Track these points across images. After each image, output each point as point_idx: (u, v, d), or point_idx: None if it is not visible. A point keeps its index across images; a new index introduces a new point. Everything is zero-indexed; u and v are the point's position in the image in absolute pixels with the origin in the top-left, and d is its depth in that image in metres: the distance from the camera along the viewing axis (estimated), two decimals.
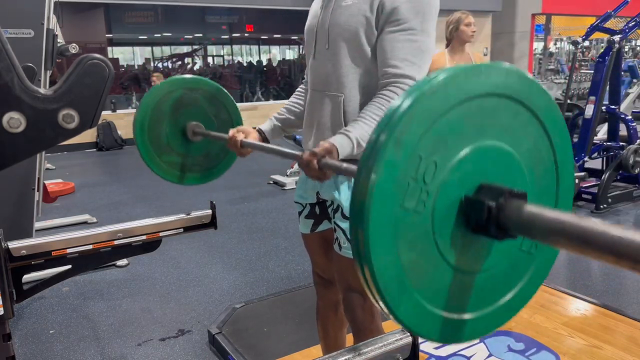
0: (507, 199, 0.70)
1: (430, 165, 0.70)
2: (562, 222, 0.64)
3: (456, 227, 0.73)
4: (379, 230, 0.68)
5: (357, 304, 1.56)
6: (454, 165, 0.71)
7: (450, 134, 0.70)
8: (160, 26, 11.03)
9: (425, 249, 0.72)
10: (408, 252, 0.71)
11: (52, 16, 2.78)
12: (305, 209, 1.66)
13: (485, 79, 0.71)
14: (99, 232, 1.70)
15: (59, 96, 1.37)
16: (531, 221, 0.67)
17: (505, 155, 0.76)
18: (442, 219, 0.72)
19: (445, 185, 0.71)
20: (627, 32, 4.56)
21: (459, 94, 0.69)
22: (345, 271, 1.55)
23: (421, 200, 0.70)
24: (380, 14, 1.34)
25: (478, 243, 0.76)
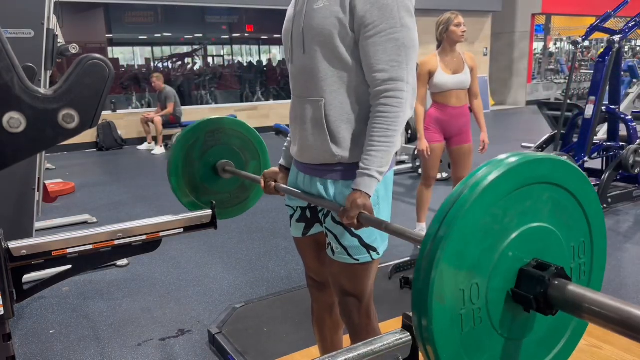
0: (552, 277, 0.79)
1: (474, 285, 0.79)
2: (604, 305, 0.73)
3: (508, 308, 0.83)
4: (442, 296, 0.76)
5: (353, 307, 1.56)
6: (505, 247, 0.80)
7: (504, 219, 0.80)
8: (160, 26, 11.02)
9: (485, 333, 0.82)
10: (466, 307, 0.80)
11: (52, 16, 2.78)
12: (296, 212, 1.66)
13: (532, 170, 0.80)
14: (99, 232, 1.70)
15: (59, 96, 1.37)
16: (575, 301, 0.76)
17: (550, 234, 0.85)
18: (495, 308, 0.81)
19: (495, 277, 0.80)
20: (627, 32, 4.56)
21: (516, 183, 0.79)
22: (339, 276, 1.54)
23: (477, 316, 0.81)
24: (354, 15, 1.32)
25: (523, 315, 0.84)
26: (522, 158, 0.78)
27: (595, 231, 0.91)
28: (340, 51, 1.37)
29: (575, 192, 0.85)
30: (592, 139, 4.65)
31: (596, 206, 0.89)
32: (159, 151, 8.19)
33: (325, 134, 1.42)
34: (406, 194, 5.25)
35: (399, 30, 1.31)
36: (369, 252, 1.48)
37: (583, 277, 0.92)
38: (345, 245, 1.47)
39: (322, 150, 1.44)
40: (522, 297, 0.80)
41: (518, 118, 11.84)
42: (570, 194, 0.85)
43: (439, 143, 3.49)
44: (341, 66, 1.38)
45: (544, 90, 14.51)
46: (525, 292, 0.79)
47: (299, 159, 1.56)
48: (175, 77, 11.20)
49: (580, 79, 13.54)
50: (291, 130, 1.59)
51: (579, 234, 0.89)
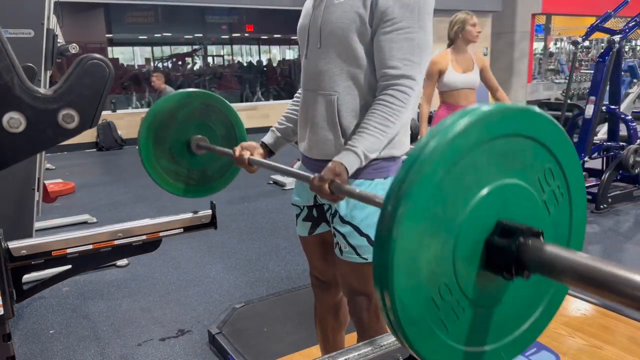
0: (526, 238, 0.73)
1: (451, 205, 0.72)
2: (582, 265, 0.67)
3: (476, 265, 0.76)
4: (402, 261, 0.69)
5: (363, 306, 1.56)
6: (474, 205, 0.73)
7: (470, 175, 0.73)
8: (160, 26, 11.02)
9: (447, 283, 0.74)
10: (429, 287, 0.73)
11: (52, 16, 2.78)
12: (303, 211, 1.65)
13: (501, 121, 0.74)
14: (99, 232, 1.70)
15: (59, 96, 1.37)
16: (551, 262, 0.70)
17: (523, 192, 0.78)
18: (463, 256, 0.75)
19: (466, 225, 0.74)
20: (627, 32, 4.56)
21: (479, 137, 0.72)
22: (348, 275, 1.54)
23: (445, 289, 0.74)
24: (374, 11, 1.32)
25: (497, 279, 0.78)
26: (492, 108, 0.72)
27: (572, 184, 0.83)
28: (356, 46, 1.37)
29: (551, 147, 0.79)
30: (592, 139, 4.65)
31: (572, 158, 0.83)
32: None
33: (336, 128, 1.42)
34: None
35: (416, 31, 1.31)
36: None
37: (562, 200, 0.84)
38: (353, 245, 1.47)
39: (332, 144, 1.44)
40: (493, 266, 0.75)
41: None
42: (546, 149, 0.79)
43: None
44: (356, 62, 1.38)
45: (544, 90, 14.51)
46: (495, 260, 0.74)
47: (308, 154, 1.55)
48: (175, 77, 11.20)
49: (580, 79, 13.54)
50: (300, 124, 1.58)
51: (541, 164, 0.80)
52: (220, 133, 1.97)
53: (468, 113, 0.71)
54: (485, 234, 0.75)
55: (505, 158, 0.75)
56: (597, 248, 3.66)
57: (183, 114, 1.89)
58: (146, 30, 10.93)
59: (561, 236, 0.85)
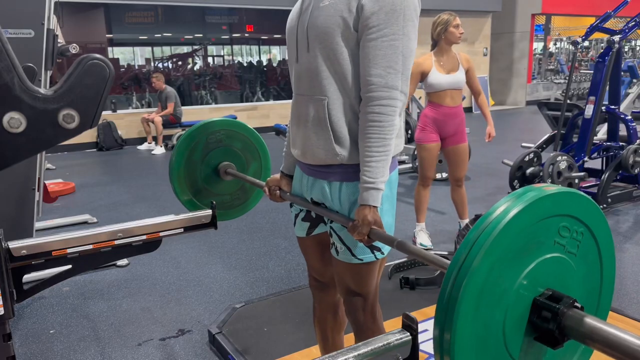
0: (568, 308, 0.84)
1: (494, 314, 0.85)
2: (617, 338, 0.78)
3: (524, 337, 0.88)
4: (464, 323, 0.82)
5: (358, 306, 1.56)
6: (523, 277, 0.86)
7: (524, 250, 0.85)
8: (160, 26, 11.01)
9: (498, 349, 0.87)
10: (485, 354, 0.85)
11: (52, 16, 2.78)
12: (301, 212, 1.66)
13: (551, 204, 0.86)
14: (99, 232, 1.70)
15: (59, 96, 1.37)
16: (589, 332, 0.81)
17: (565, 265, 0.91)
18: (511, 336, 0.86)
19: (515, 295, 0.85)
20: (626, 32, 4.56)
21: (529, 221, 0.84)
22: (344, 275, 1.55)
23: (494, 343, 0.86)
24: (360, 15, 1.32)
25: (538, 347, 0.90)
26: (539, 193, 0.84)
27: (605, 258, 0.97)
28: (341, 50, 1.37)
29: (587, 222, 0.91)
30: (592, 139, 4.65)
31: (607, 236, 0.95)
32: (159, 151, 8.19)
33: (328, 132, 1.43)
34: (406, 194, 5.25)
35: (399, 38, 1.32)
36: (373, 252, 1.48)
37: (592, 300, 0.98)
38: (349, 245, 1.48)
39: (324, 149, 1.44)
40: (538, 328, 0.86)
41: (518, 118, 11.84)
42: (581, 223, 0.91)
43: (435, 143, 3.49)
44: (342, 66, 1.38)
45: (544, 90, 14.51)
46: (540, 323, 0.86)
47: (301, 160, 1.56)
48: (175, 77, 11.20)
49: (580, 79, 13.54)
50: (292, 130, 1.59)
51: (590, 261, 0.95)
52: (237, 147, 2.15)
53: (518, 199, 0.83)
54: (530, 303, 0.87)
55: (551, 236, 0.88)
56: None
57: (199, 152, 2.07)
58: (146, 30, 10.93)
59: (592, 299, 0.99)
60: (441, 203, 4.77)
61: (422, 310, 2.61)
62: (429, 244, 3.64)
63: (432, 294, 2.85)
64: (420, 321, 1.62)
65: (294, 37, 1.50)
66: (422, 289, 2.92)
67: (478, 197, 4.98)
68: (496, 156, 6.45)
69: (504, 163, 4.95)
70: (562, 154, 4.38)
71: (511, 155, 4.99)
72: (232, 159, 2.12)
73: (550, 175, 4.22)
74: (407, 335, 1.08)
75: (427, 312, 2.59)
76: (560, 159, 4.28)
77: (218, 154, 2.09)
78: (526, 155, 4.54)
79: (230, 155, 2.12)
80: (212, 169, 2.10)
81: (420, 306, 2.67)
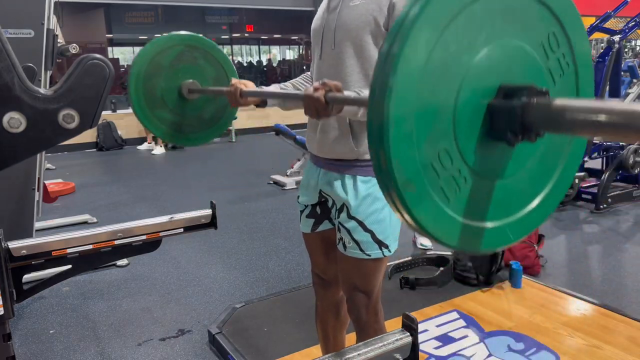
0: (531, 96, 0.67)
1: (450, 63, 0.67)
2: (594, 108, 0.61)
3: (478, 131, 0.71)
4: (399, 122, 0.65)
5: (362, 304, 1.56)
6: (474, 64, 0.68)
7: (467, 32, 0.67)
8: (160, 26, 11.02)
9: (447, 149, 0.69)
10: (428, 151, 0.68)
11: (52, 16, 2.78)
12: (307, 208, 1.67)
13: None
14: (99, 232, 1.70)
15: (59, 96, 1.37)
16: (560, 114, 0.64)
17: (526, 56, 0.73)
18: (464, 122, 0.69)
19: (466, 86, 0.68)
20: (627, 32, 4.56)
21: None
22: (350, 271, 1.55)
23: (442, 100, 0.67)
24: (391, 15, 1.34)
25: (500, 149, 0.72)
26: None
27: (567, 22, 0.77)
28: (369, 48, 1.39)
29: (551, 5, 0.74)
30: (592, 139, 4.65)
31: (574, 15, 0.77)
32: (159, 151, 8.18)
33: (347, 128, 1.44)
34: None
35: None
36: (380, 249, 1.49)
37: (568, 71, 0.79)
38: (357, 240, 1.48)
39: (342, 144, 1.46)
40: (496, 131, 0.70)
41: None
42: (540, 3, 0.73)
43: None
44: (368, 64, 1.40)
45: None
46: (499, 125, 0.69)
47: (318, 154, 1.56)
48: None
49: None
50: (310, 124, 1.59)
51: (544, 28, 0.75)
52: (210, 75, 1.91)
53: None
54: (488, 98, 0.70)
55: (505, 16, 0.70)
56: (597, 248, 3.66)
57: (168, 60, 1.84)
58: (146, 30, 10.93)
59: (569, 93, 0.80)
60: None
61: (422, 310, 2.61)
62: (430, 244, 3.64)
63: (432, 294, 2.85)
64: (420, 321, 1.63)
65: (319, 35, 1.51)
66: (422, 289, 2.91)
67: None
68: None
69: None
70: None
71: None
72: (196, 77, 1.90)
73: None
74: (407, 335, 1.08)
75: (427, 312, 2.60)
76: None
77: (186, 71, 1.88)
78: None
79: (199, 77, 1.90)
80: (175, 88, 1.88)
81: (420, 306, 2.67)
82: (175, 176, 6.54)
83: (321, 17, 1.53)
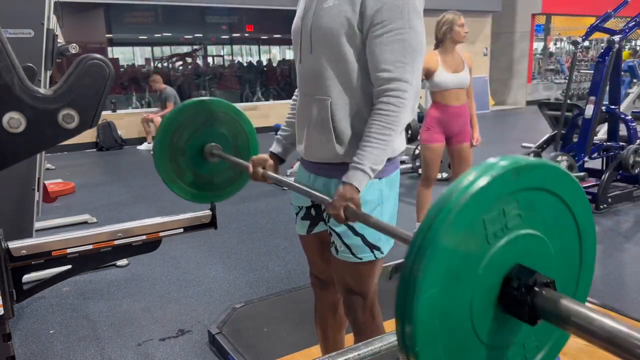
0: (541, 287, 0.77)
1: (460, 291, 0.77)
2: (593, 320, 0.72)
3: (492, 307, 0.80)
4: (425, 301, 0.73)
5: (358, 305, 1.56)
6: (493, 253, 0.78)
7: (493, 225, 0.77)
8: (160, 26, 11.02)
9: (469, 342, 0.79)
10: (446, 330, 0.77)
11: (52, 16, 2.78)
12: (301, 211, 1.67)
13: (523, 176, 0.78)
14: (99, 232, 1.70)
15: (59, 96, 1.37)
16: (567, 315, 0.75)
17: (539, 242, 0.83)
18: (479, 317, 0.79)
19: (484, 274, 0.78)
20: (627, 32, 4.56)
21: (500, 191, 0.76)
22: (344, 274, 1.55)
23: (461, 325, 0.78)
24: (363, 15, 1.32)
25: (510, 322, 0.82)
26: (513, 163, 0.76)
27: (585, 237, 0.89)
28: (346, 51, 1.37)
29: (566, 199, 0.84)
30: (592, 139, 4.65)
31: (587, 213, 0.88)
32: None
33: (330, 132, 1.43)
34: (406, 193, 5.24)
35: (406, 32, 1.31)
36: (372, 252, 1.48)
37: (571, 281, 0.92)
38: (348, 244, 1.48)
39: (327, 148, 1.45)
40: (509, 306, 0.79)
41: (518, 118, 11.84)
42: (560, 200, 0.83)
43: (440, 143, 3.49)
44: (347, 66, 1.38)
45: (544, 90, 14.50)
46: (512, 301, 0.78)
47: (305, 157, 1.57)
48: (175, 77, 11.19)
49: (580, 79, 13.53)
50: (297, 128, 1.59)
51: (568, 240, 0.87)
52: (234, 141, 2.02)
53: (486, 170, 0.75)
54: (500, 281, 0.80)
55: (522, 211, 0.80)
56: (597, 248, 3.64)
57: (199, 121, 1.94)
58: (146, 30, 10.93)
59: (570, 281, 0.92)
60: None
61: None
62: None
63: None
64: None
65: (298, 37, 1.50)
66: None
67: None
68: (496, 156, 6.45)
69: None
70: (563, 154, 4.38)
71: None
72: (218, 140, 2.00)
73: None
74: None
75: None
76: (560, 159, 4.28)
77: (203, 135, 1.97)
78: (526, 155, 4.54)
79: (219, 137, 2.00)
80: (198, 150, 1.98)
81: None
82: None
83: (299, 18, 1.51)
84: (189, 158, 1.97)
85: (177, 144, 1.94)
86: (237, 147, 2.03)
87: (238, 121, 2.02)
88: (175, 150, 1.94)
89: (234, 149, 2.02)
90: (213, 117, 1.97)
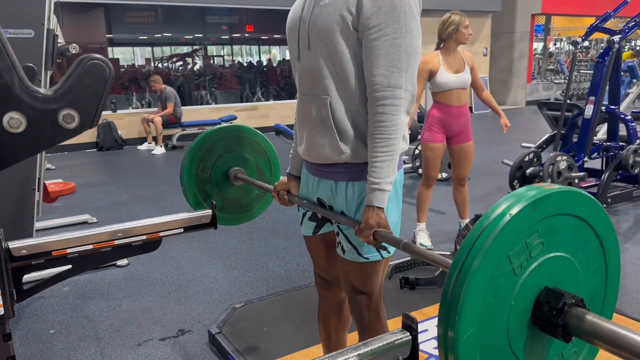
0: (570, 307, 0.83)
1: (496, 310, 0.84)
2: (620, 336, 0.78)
3: (526, 329, 0.88)
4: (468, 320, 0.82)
5: (363, 305, 1.56)
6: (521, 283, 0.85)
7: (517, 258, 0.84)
8: (160, 26, 11.01)
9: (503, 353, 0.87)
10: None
11: (52, 16, 2.78)
12: (308, 211, 1.67)
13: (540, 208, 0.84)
14: (99, 232, 1.70)
15: (59, 96, 1.37)
16: (593, 331, 0.81)
17: (564, 262, 0.90)
18: (514, 332, 0.86)
19: (517, 300, 0.85)
20: (626, 32, 4.56)
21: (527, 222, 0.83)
22: (349, 274, 1.55)
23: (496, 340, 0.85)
24: (360, 16, 1.32)
25: (545, 337, 0.89)
26: (528, 198, 0.82)
27: (610, 257, 0.96)
28: (342, 49, 1.37)
29: (590, 221, 0.91)
30: (592, 139, 4.65)
31: (606, 224, 0.94)
32: (159, 151, 8.18)
33: (332, 131, 1.43)
34: (406, 193, 5.25)
35: (402, 36, 1.31)
36: (379, 251, 1.49)
37: (597, 302, 0.97)
38: (355, 244, 1.48)
39: (329, 148, 1.44)
40: (543, 326, 0.85)
41: (518, 118, 11.83)
42: (579, 219, 0.90)
43: (441, 143, 3.49)
44: (344, 64, 1.38)
45: (544, 90, 14.50)
46: (545, 322, 0.85)
47: (307, 158, 1.56)
48: (175, 77, 11.19)
49: (580, 79, 13.54)
50: (298, 129, 1.59)
51: (591, 253, 0.93)
52: (255, 161, 2.19)
53: (504, 212, 0.82)
54: (531, 305, 0.87)
55: (543, 238, 0.86)
56: None
57: (221, 148, 2.10)
58: (146, 30, 10.93)
59: (598, 293, 0.98)
60: (442, 203, 4.77)
61: (422, 310, 2.61)
62: (429, 244, 3.64)
63: (432, 294, 2.85)
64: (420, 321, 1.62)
65: (295, 35, 1.49)
66: (422, 289, 2.92)
67: (478, 197, 4.98)
68: (496, 156, 6.45)
69: (504, 163, 4.94)
70: (562, 154, 4.37)
71: (511, 155, 4.99)
72: (242, 164, 2.15)
73: (550, 175, 4.22)
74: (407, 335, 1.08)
75: (427, 312, 2.59)
76: (560, 159, 4.28)
77: (229, 159, 2.13)
78: (526, 155, 4.54)
79: (241, 160, 2.16)
80: (223, 173, 2.13)
81: (420, 306, 2.67)
82: (175, 176, 6.50)
83: (296, 16, 1.50)
84: (215, 184, 2.12)
85: (203, 174, 2.09)
86: (258, 166, 2.19)
87: (256, 141, 2.17)
88: (202, 179, 2.09)
89: (256, 169, 2.18)
90: (233, 142, 2.12)
